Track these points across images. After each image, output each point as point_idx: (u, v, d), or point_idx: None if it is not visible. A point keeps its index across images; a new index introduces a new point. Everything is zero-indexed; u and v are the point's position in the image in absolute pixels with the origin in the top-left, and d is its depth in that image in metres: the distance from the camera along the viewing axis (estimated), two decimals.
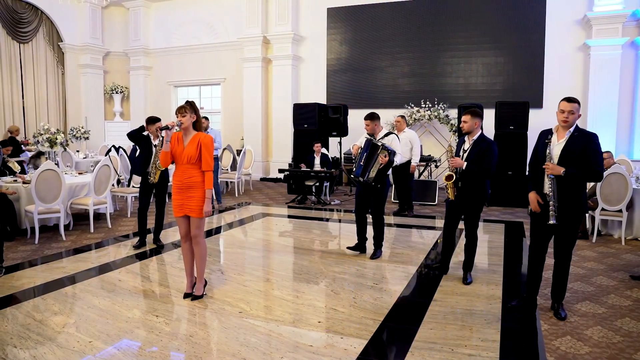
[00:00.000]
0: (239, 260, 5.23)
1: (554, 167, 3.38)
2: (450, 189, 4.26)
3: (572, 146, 3.39)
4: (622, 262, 5.07)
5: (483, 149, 4.16)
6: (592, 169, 3.33)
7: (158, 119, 5.57)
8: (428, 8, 11.09)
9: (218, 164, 8.70)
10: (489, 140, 4.24)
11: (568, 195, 3.41)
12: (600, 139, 3.52)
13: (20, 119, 12.52)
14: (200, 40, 13.60)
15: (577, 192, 3.42)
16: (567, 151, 3.40)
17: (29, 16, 12.52)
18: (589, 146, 3.35)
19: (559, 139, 3.48)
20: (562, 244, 3.52)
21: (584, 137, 3.40)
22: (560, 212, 3.40)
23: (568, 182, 3.39)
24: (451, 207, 4.40)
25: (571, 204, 3.42)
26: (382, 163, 4.86)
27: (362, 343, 3.14)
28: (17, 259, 5.08)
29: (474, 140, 4.24)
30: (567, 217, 3.43)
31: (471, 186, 4.21)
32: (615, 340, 3.20)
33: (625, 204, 5.79)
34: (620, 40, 9.45)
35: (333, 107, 10.48)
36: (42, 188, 5.78)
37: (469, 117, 4.22)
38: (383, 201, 5.12)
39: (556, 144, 3.48)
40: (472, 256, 4.40)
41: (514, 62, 10.48)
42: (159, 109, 14.10)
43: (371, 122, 5.10)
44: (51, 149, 9.28)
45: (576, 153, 3.37)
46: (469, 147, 4.24)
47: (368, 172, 4.93)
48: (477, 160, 4.15)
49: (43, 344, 3.11)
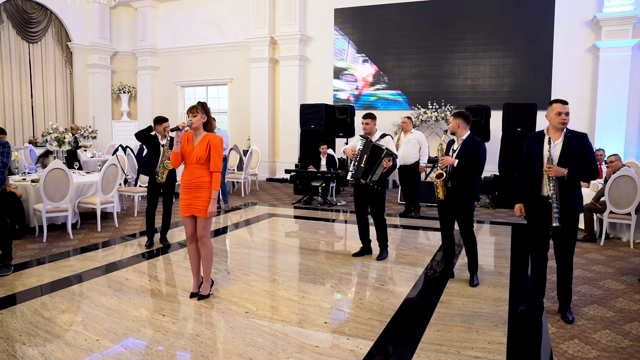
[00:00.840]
0: (245, 260, 5.23)
1: (557, 169, 3.40)
2: (440, 187, 4.29)
3: (569, 147, 3.45)
4: (630, 266, 5.03)
5: (472, 148, 4.24)
6: (591, 168, 3.43)
7: (166, 119, 5.59)
8: (435, 9, 11.07)
9: (225, 164, 8.72)
10: (478, 140, 4.31)
11: (568, 196, 3.44)
12: (609, 141, 3.58)
13: (28, 118, 12.64)
14: (208, 40, 13.65)
15: (576, 192, 3.48)
16: (566, 152, 3.45)
17: (38, 16, 12.63)
18: (585, 147, 3.44)
19: (554, 141, 3.51)
20: (563, 245, 3.52)
21: (577, 137, 3.48)
22: (562, 213, 3.41)
23: (569, 183, 3.43)
24: (442, 207, 4.42)
25: (572, 204, 3.46)
26: (386, 167, 4.88)
27: (368, 344, 3.14)
28: (25, 257, 5.12)
29: (462, 140, 4.31)
30: (568, 218, 3.44)
31: (461, 185, 4.25)
32: (624, 345, 3.17)
33: (635, 206, 5.74)
34: (631, 41, 9.38)
35: (340, 108, 10.49)
36: (50, 187, 5.82)
37: (452, 118, 4.39)
38: (382, 202, 5.13)
39: (553, 145, 3.51)
40: (475, 257, 4.38)
41: (522, 64, 10.44)
42: (166, 109, 14.18)
43: (371, 121, 5.14)
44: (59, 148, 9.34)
45: (575, 153, 3.44)
46: (458, 146, 4.31)
47: (371, 175, 4.93)
48: (467, 159, 4.22)
49: (51, 341, 3.13)
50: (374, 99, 11.88)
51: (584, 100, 10.03)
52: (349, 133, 10.35)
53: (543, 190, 3.52)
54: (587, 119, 9.94)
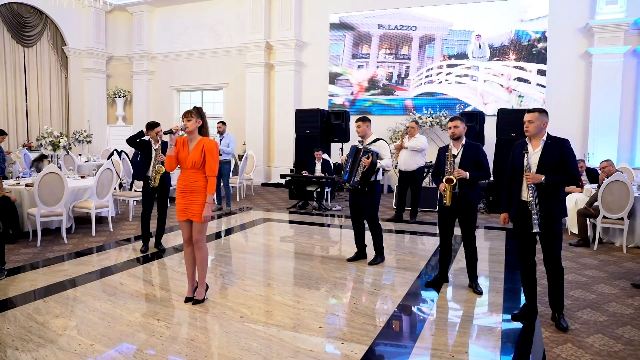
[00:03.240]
0: (240, 265, 5.23)
1: (534, 176, 3.46)
2: (449, 192, 4.24)
3: (547, 154, 3.50)
4: (623, 270, 5.07)
5: (478, 154, 4.27)
6: (570, 174, 3.45)
7: (158, 124, 5.58)
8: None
9: (229, 168, 8.68)
10: (478, 144, 4.36)
11: (549, 202, 3.47)
12: (602, 147, 3.61)
13: (23, 123, 12.59)
14: (204, 45, 13.67)
15: (557, 198, 3.51)
16: (544, 159, 3.50)
17: (33, 20, 12.62)
18: (565, 152, 3.47)
19: (534, 149, 3.58)
20: (547, 251, 3.54)
21: (557, 144, 3.52)
22: (542, 219, 3.44)
23: (548, 189, 3.47)
24: (446, 213, 4.36)
25: (552, 210, 3.48)
26: (366, 165, 4.88)
27: (362, 349, 3.14)
28: (19, 262, 5.09)
29: (463, 146, 4.30)
30: (549, 223, 3.47)
31: (467, 190, 4.24)
32: (616, 349, 3.19)
33: (627, 211, 5.79)
34: (622, 48, 9.49)
35: (335, 113, 10.51)
36: (45, 191, 5.80)
37: (459, 122, 4.33)
38: (376, 207, 5.12)
39: (532, 153, 3.57)
40: (476, 262, 4.38)
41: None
42: (161, 114, 14.17)
43: (362, 123, 5.13)
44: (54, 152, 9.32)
45: (553, 160, 3.48)
46: (460, 152, 4.29)
47: (354, 176, 4.96)
48: (474, 165, 4.23)
49: (44, 346, 3.11)
50: (369, 104, 11.93)
51: (578, 106, 10.12)
52: (344, 138, 10.38)
53: (522, 195, 3.57)
54: (580, 124, 10.03)
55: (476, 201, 4.32)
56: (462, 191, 4.22)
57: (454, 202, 4.25)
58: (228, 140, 8.23)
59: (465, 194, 4.23)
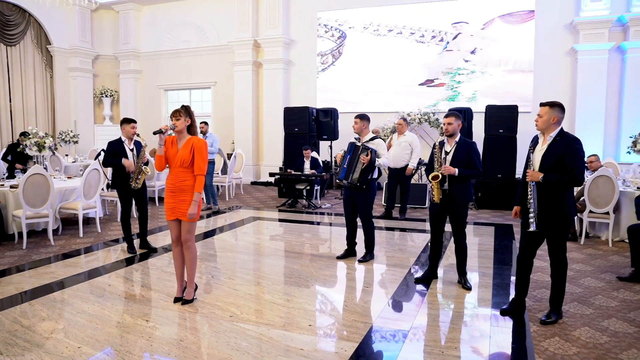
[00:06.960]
0: (229, 264, 5.21)
1: (532, 174, 3.41)
2: (436, 189, 4.24)
3: (552, 151, 3.40)
4: (609, 264, 5.14)
5: (471, 150, 4.24)
6: (570, 174, 3.32)
7: (134, 120, 5.51)
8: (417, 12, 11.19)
9: (212, 167, 8.67)
10: (471, 141, 4.34)
11: (550, 201, 3.40)
12: (588, 142, 3.57)
13: (7, 123, 12.40)
14: (191, 43, 13.58)
15: (560, 198, 3.40)
16: (547, 156, 3.41)
17: (16, 18, 12.41)
18: (567, 150, 3.34)
19: (543, 145, 3.50)
20: (552, 251, 3.52)
21: (562, 142, 3.39)
22: (543, 218, 3.41)
23: (548, 188, 3.39)
24: (436, 209, 4.36)
25: (555, 210, 3.40)
26: (364, 162, 4.87)
27: (353, 346, 3.15)
28: (4, 265, 5.02)
29: (456, 143, 4.29)
30: (552, 224, 3.43)
31: (457, 187, 4.23)
32: (602, 341, 3.23)
33: (612, 206, 5.87)
34: (607, 45, 9.61)
35: (324, 111, 10.51)
36: (30, 193, 5.71)
37: (454, 119, 4.29)
38: (370, 205, 5.13)
39: (539, 149, 3.51)
40: (465, 259, 4.40)
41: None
42: (149, 113, 14.05)
43: (360, 121, 5.10)
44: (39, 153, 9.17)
45: (555, 158, 3.37)
46: (452, 148, 4.28)
47: (352, 173, 4.95)
48: (466, 162, 4.20)
49: (30, 350, 3.07)
50: None
51: (564, 102, 9.88)
52: (333, 136, 10.38)
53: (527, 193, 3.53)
54: (567, 120, 10.10)
55: (467, 199, 4.29)
56: (452, 189, 4.22)
57: (445, 199, 4.25)
58: (212, 140, 8.25)
59: (456, 192, 4.22)
